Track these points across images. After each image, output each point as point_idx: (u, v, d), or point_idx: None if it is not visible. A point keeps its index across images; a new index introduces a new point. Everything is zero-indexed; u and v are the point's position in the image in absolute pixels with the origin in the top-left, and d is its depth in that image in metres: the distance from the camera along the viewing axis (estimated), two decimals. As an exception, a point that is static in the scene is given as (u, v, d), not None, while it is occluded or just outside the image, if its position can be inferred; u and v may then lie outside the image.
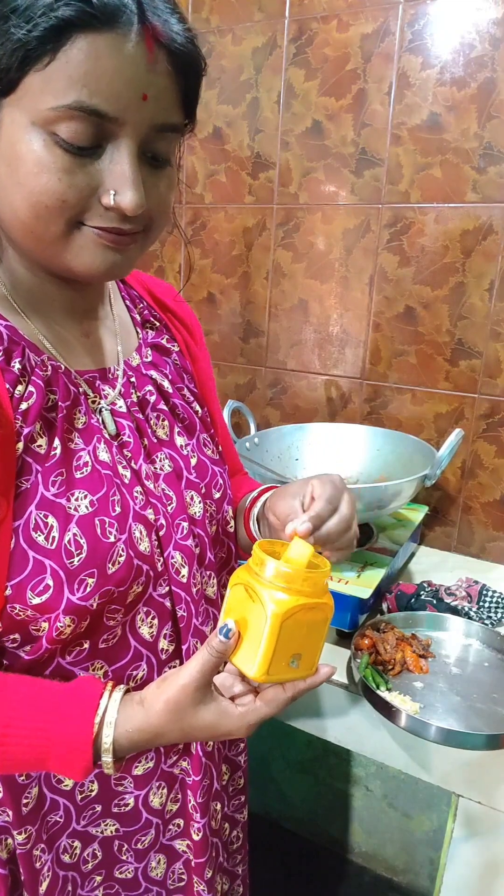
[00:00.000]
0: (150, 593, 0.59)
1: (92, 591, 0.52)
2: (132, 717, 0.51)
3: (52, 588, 0.51)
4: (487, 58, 1.11)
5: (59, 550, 0.51)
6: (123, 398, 0.62)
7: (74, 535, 0.52)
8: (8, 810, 0.57)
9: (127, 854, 0.66)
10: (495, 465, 1.26)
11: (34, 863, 0.59)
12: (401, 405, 1.33)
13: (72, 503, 0.52)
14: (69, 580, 0.51)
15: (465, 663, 0.93)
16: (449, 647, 0.96)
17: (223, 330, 1.52)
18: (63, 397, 0.56)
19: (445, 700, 0.85)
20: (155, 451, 0.63)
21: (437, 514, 1.34)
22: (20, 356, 0.54)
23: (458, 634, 0.99)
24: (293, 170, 1.34)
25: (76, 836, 0.63)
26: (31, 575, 0.50)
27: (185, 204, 1.49)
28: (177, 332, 0.74)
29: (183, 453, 0.65)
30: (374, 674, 0.87)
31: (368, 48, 1.21)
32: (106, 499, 0.54)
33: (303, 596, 0.49)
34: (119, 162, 0.48)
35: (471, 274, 1.20)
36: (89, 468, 0.55)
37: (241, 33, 1.33)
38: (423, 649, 0.93)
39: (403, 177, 1.23)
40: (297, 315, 1.41)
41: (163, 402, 0.66)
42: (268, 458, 1.23)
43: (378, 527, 1.18)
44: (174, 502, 0.61)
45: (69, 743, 0.50)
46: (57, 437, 0.54)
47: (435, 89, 1.17)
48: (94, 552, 0.52)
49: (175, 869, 0.70)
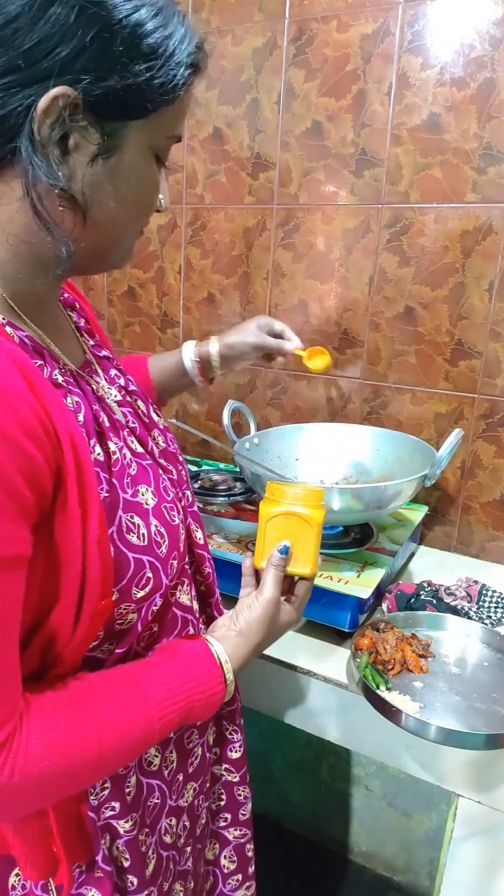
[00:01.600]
0: (184, 563, 0.66)
1: (176, 572, 0.59)
2: (238, 647, 0.63)
3: (152, 578, 0.55)
4: (487, 58, 1.12)
5: (150, 544, 0.55)
6: (112, 385, 0.65)
7: (156, 526, 0.56)
8: (115, 803, 0.60)
9: (202, 807, 0.73)
10: (495, 465, 1.26)
11: (140, 847, 0.62)
12: (400, 405, 1.34)
13: (141, 499, 0.56)
14: (163, 567, 0.56)
15: (464, 663, 0.93)
16: (449, 647, 0.96)
17: (223, 330, 1.51)
18: (92, 400, 0.57)
19: (445, 700, 0.85)
20: (150, 430, 0.66)
21: (436, 514, 1.34)
22: (52, 366, 0.54)
23: (458, 634, 0.99)
24: (293, 170, 1.34)
25: (172, 813, 0.67)
26: (134, 573, 0.54)
27: (185, 204, 1.49)
28: (83, 309, 0.74)
29: (161, 427, 0.69)
30: (373, 673, 0.87)
31: (368, 49, 1.21)
32: (158, 487, 0.59)
33: (321, 509, 0.69)
34: (162, 174, 0.57)
35: (470, 274, 1.21)
36: (134, 463, 0.58)
37: (241, 34, 1.33)
38: (422, 649, 0.93)
39: (403, 177, 1.23)
40: (297, 315, 1.41)
41: (130, 382, 0.68)
42: (268, 458, 1.24)
43: (378, 527, 1.19)
44: (174, 473, 0.66)
45: (207, 687, 0.58)
46: (108, 440, 0.56)
47: (435, 90, 1.17)
48: (172, 537, 0.58)
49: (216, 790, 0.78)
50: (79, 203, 0.50)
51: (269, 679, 0.99)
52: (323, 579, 0.98)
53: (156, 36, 0.48)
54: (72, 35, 0.45)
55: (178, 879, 0.71)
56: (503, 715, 0.82)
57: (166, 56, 0.49)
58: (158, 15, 0.48)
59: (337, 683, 0.92)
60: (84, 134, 0.48)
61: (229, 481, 1.34)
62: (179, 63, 0.49)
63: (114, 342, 1.69)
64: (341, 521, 1.12)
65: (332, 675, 0.93)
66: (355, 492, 1.05)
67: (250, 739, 0.78)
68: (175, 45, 0.49)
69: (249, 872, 0.80)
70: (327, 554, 1.07)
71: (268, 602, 0.65)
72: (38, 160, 0.47)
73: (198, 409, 1.61)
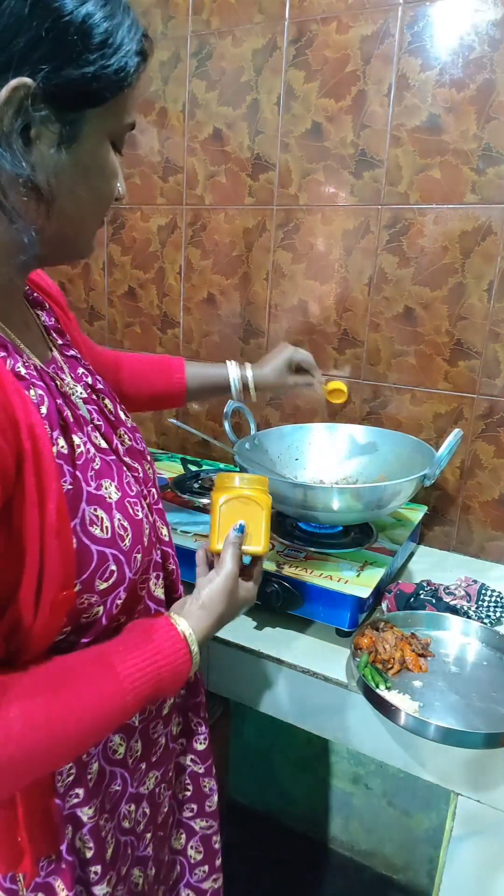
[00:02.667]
0: (154, 557, 0.67)
1: (141, 566, 0.60)
2: (201, 620, 0.65)
3: (116, 571, 0.56)
4: (486, 59, 1.12)
5: (113, 538, 0.56)
6: (77, 383, 0.66)
7: (119, 519, 0.57)
8: (78, 790, 0.62)
9: (164, 795, 0.75)
10: (494, 465, 1.27)
11: (100, 832, 0.64)
12: (400, 405, 1.34)
13: (105, 493, 0.57)
14: (127, 560, 0.57)
15: (463, 662, 0.94)
16: (448, 646, 0.97)
17: (223, 330, 1.52)
18: (56, 395, 0.58)
19: (444, 699, 0.86)
20: (116, 427, 0.68)
21: (436, 514, 1.35)
22: (15, 359, 0.54)
23: (457, 633, 0.99)
24: (293, 171, 1.34)
25: (132, 799, 0.69)
26: (97, 565, 0.55)
27: (186, 205, 1.49)
28: (53, 308, 0.74)
29: (129, 426, 0.70)
30: (373, 673, 0.87)
31: (368, 50, 1.21)
32: (121, 482, 0.60)
33: (267, 494, 0.77)
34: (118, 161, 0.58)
35: (470, 275, 1.21)
36: (98, 458, 0.59)
37: (241, 35, 1.33)
38: (422, 648, 0.94)
39: (403, 178, 1.23)
40: (297, 315, 1.41)
41: (98, 381, 0.69)
42: (268, 458, 1.24)
43: (377, 526, 1.19)
44: (140, 471, 0.68)
45: (173, 659, 0.59)
46: (72, 434, 0.57)
47: (434, 91, 1.17)
48: (135, 531, 0.59)
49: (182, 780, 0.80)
50: (43, 193, 0.51)
51: (268, 678, 0.99)
52: (323, 579, 0.99)
53: (105, 25, 0.49)
54: (27, 27, 0.46)
55: (137, 865, 0.72)
56: (502, 714, 0.83)
57: (116, 45, 0.50)
58: (106, 5, 0.50)
59: (337, 683, 0.93)
60: (45, 124, 0.49)
61: (229, 481, 1.35)
62: (129, 51, 0.51)
63: (114, 342, 1.69)
64: (341, 521, 1.13)
65: (332, 674, 0.93)
66: (355, 492, 1.05)
67: (250, 737, 0.79)
68: (124, 34, 0.51)
69: (216, 864, 0.82)
70: (327, 553, 1.08)
71: (228, 575, 0.68)
72: (2, 151, 0.48)
73: (198, 409, 1.62)
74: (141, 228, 1.57)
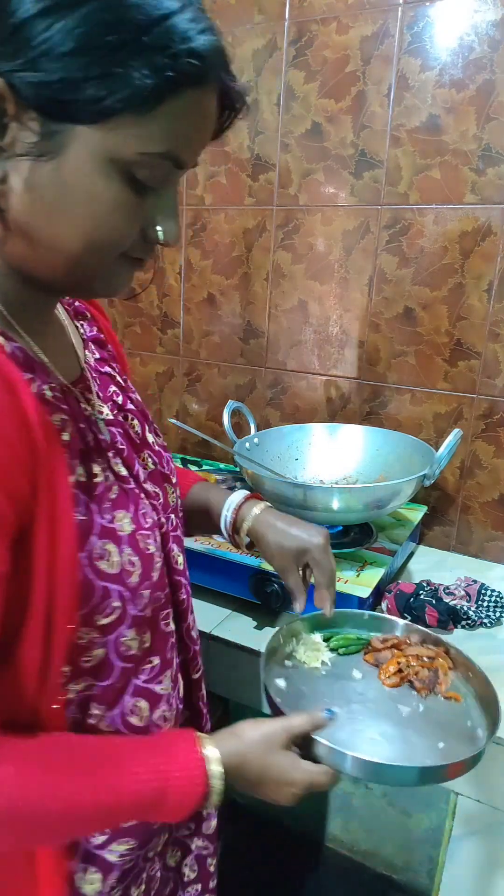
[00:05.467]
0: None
1: (148, 603, 0.56)
2: (225, 741, 0.59)
3: (119, 608, 0.53)
4: (486, 60, 1.12)
5: (120, 574, 0.53)
6: (104, 403, 0.62)
7: (128, 555, 0.54)
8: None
9: None
10: (494, 465, 1.27)
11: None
12: (400, 405, 1.34)
13: (118, 524, 0.54)
14: (132, 598, 0.54)
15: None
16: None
17: (223, 330, 1.52)
18: (81, 419, 0.55)
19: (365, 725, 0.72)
20: (140, 451, 0.64)
21: (436, 514, 1.35)
22: (43, 380, 0.52)
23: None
24: (293, 171, 1.34)
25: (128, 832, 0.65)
26: (99, 601, 0.52)
27: (186, 206, 1.49)
28: (97, 319, 0.72)
29: (155, 449, 0.67)
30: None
31: (368, 50, 1.21)
32: (137, 513, 0.56)
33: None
34: (170, 201, 0.50)
35: (469, 275, 1.21)
36: (117, 487, 0.56)
37: (241, 35, 1.33)
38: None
39: (402, 178, 1.23)
40: (297, 316, 1.41)
41: (128, 400, 0.66)
42: (268, 458, 1.24)
43: (377, 526, 1.19)
44: (161, 498, 0.64)
45: (186, 772, 0.54)
46: (92, 462, 0.54)
47: (434, 91, 1.17)
48: (144, 567, 0.55)
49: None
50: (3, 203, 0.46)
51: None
52: (323, 579, 0.99)
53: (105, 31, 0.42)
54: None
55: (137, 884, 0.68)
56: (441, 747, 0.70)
57: (116, 56, 0.42)
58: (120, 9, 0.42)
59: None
60: (20, 130, 0.44)
61: (229, 481, 1.35)
62: (144, 67, 0.42)
63: (114, 342, 1.70)
64: (341, 520, 1.13)
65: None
66: (355, 492, 1.05)
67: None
68: (137, 46, 0.42)
69: (210, 886, 0.76)
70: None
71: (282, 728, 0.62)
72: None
73: (198, 409, 1.62)
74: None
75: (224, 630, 1.03)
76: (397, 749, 0.69)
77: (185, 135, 0.47)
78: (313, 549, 0.76)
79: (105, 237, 0.48)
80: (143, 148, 0.45)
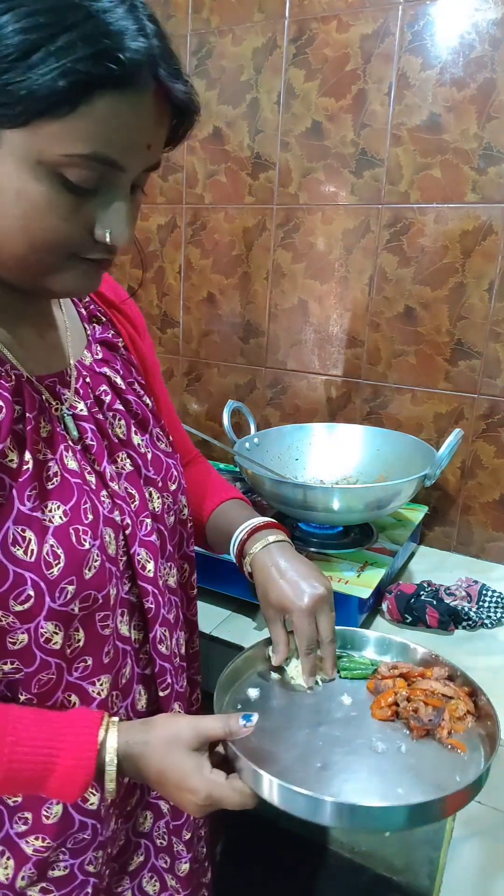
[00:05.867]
0: (120, 592, 0.61)
1: (72, 598, 0.54)
2: (133, 731, 0.56)
3: (33, 598, 0.52)
4: (487, 58, 1.11)
5: (38, 563, 0.52)
6: (82, 400, 0.62)
7: (52, 546, 0.53)
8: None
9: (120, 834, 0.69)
10: (495, 466, 1.26)
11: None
12: (400, 405, 1.34)
13: (46, 515, 0.54)
14: (49, 589, 0.53)
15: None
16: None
17: (223, 330, 1.52)
18: (30, 407, 0.55)
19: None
20: (116, 451, 0.64)
21: (436, 514, 1.34)
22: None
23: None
24: (293, 170, 1.34)
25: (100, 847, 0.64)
26: (11, 587, 0.52)
27: (185, 204, 1.49)
28: (121, 325, 0.74)
29: (140, 451, 0.66)
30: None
31: (368, 49, 1.21)
32: (78, 507, 0.56)
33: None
34: (115, 203, 0.50)
35: (470, 274, 1.21)
36: (59, 478, 0.56)
37: (241, 34, 1.33)
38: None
39: (403, 177, 1.23)
40: (297, 315, 1.41)
41: (118, 400, 0.66)
42: (268, 458, 1.24)
43: (378, 527, 1.19)
44: (137, 500, 0.63)
45: (76, 752, 0.53)
46: (27, 450, 0.54)
47: (435, 90, 1.17)
48: (71, 561, 0.54)
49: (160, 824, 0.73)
50: None
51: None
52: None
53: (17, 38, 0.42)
54: None
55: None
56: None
57: (32, 63, 0.42)
58: (32, 16, 0.42)
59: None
60: None
61: (229, 481, 1.34)
62: (56, 70, 0.42)
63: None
64: (341, 521, 1.12)
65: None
66: (355, 492, 1.05)
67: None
68: (51, 51, 0.42)
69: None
70: (327, 554, 1.07)
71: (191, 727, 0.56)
72: None
73: (198, 409, 1.61)
74: (140, 227, 1.57)
75: (224, 631, 1.02)
76: (332, 782, 0.59)
77: (112, 137, 0.46)
78: (294, 613, 0.69)
79: (42, 238, 0.49)
80: (66, 150, 0.46)
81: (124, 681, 0.62)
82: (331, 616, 0.71)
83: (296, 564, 0.72)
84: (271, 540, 0.75)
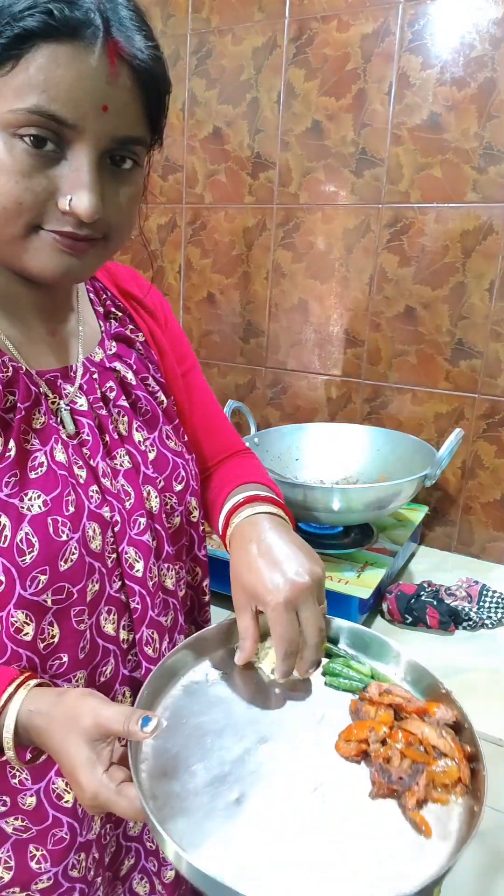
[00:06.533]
0: (107, 590, 0.61)
1: (44, 588, 0.54)
2: (43, 698, 0.51)
3: (3, 583, 0.52)
4: (487, 58, 1.11)
5: (10, 549, 0.53)
6: (85, 395, 0.63)
7: (27, 534, 0.53)
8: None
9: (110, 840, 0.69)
10: (495, 466, 1.26)
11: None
12: (401, 405, 1.33)
13: (25, 503, 0.54)
14: (21, 576, 0.53)
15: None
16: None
17: (223, 330, 1.52)
18: (23, 398, 0.56)
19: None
20: (115, 447, 0.63)
21: (437, 514, 1.34)
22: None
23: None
24: (293, 170, 1.33)
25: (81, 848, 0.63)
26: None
27: (185, 204, 1.49)
28: (141, 320, 0.73)
29: (141, 448, 0.65)
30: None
31: (368, 48, 1.21)
32: (60, 498, 0.56)
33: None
34: (77, 168, 0.49)
35: (471, 274, 1.20)
36: (44, 469, 0.56)
37: (241, 33, 1.33)
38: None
39: (403, 177, 1.23)
40: (297, 315, 1.41)
41: (123, 396, 0.66)
42: (268, 458, 1.23)
43: (378, 527, 1.19)
44: (132, 498, 0.62)
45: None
46: (12, 438, 0.54)
47: (435, 89, 1.16)
48: (46, 550, 0.54)
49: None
50: None
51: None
52: (323, 579, 0.98)
53: None
54: None
55: None
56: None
57: None
58: None
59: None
60: None
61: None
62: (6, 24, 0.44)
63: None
64: (341, 521, 1.12)
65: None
66: (355, 492, 1.05)
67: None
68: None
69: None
70: (327, 554, 1.07)
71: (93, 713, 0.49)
72: None
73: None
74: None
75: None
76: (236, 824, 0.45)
77: (52, 88, 0.46)
78: (268, 606, 0.56)
79: (2, 202, 0.48)
80: (10, 105, 0.46)
81: (103, 679, 0.62)
82: (315, 612, 0.57)
83: (283, 543, 0.61)
84: (260, 510, 0.65)
